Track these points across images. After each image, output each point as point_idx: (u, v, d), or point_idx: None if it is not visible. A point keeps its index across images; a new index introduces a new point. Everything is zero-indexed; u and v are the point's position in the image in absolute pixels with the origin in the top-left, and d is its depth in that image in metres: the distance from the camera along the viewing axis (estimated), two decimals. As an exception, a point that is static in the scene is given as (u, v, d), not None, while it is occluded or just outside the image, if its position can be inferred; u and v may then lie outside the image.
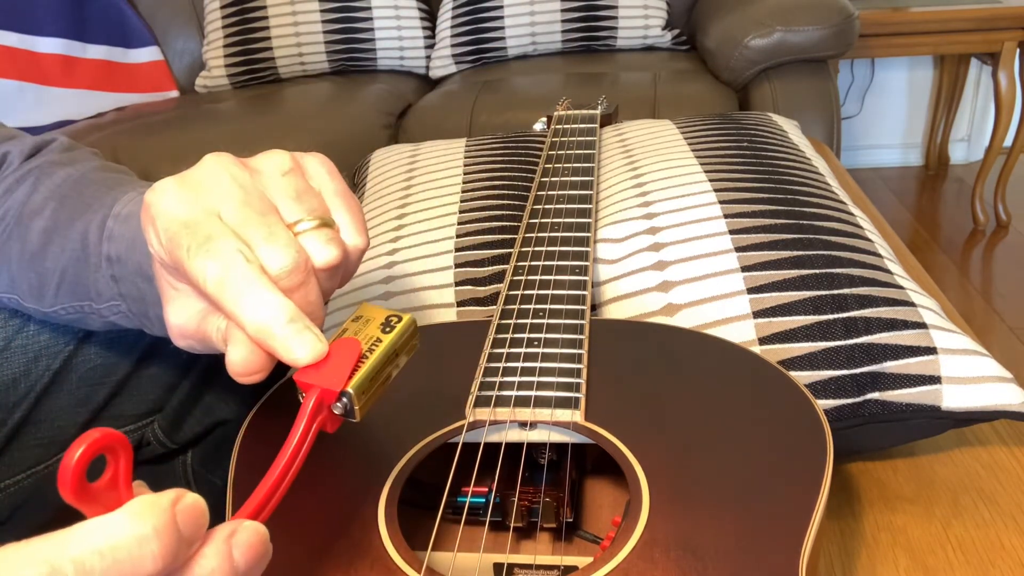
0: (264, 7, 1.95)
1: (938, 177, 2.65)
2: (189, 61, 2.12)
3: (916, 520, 0.50)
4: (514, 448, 0.44)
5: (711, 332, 0.54)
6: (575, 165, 0.71)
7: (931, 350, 0.53)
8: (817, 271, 0.57)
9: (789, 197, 0.65)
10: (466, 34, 1.94)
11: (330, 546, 0.36)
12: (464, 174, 0.77)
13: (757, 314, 0.55)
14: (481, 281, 0.63)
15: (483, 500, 0.43)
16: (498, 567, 0.41)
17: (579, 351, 0.47)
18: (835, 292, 0.55)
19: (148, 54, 2.07)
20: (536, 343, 0.48)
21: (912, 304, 0.56)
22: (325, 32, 1.96)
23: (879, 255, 0.61)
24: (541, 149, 0.82)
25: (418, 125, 1.71)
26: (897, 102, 2.65)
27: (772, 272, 0.57)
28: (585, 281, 0.54)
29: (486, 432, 0.43)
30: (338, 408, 0.33)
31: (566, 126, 0.81)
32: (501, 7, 1.91)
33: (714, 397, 0.44)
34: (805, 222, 0.62)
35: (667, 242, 0.62)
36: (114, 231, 0.42)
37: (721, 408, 0.43)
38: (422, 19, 2.00)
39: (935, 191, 2.56)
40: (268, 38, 1.96)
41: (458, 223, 0.69)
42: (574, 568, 0.37)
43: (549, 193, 0.66)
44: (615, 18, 1.91)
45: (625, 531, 0.36)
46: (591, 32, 1.92)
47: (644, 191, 0.69)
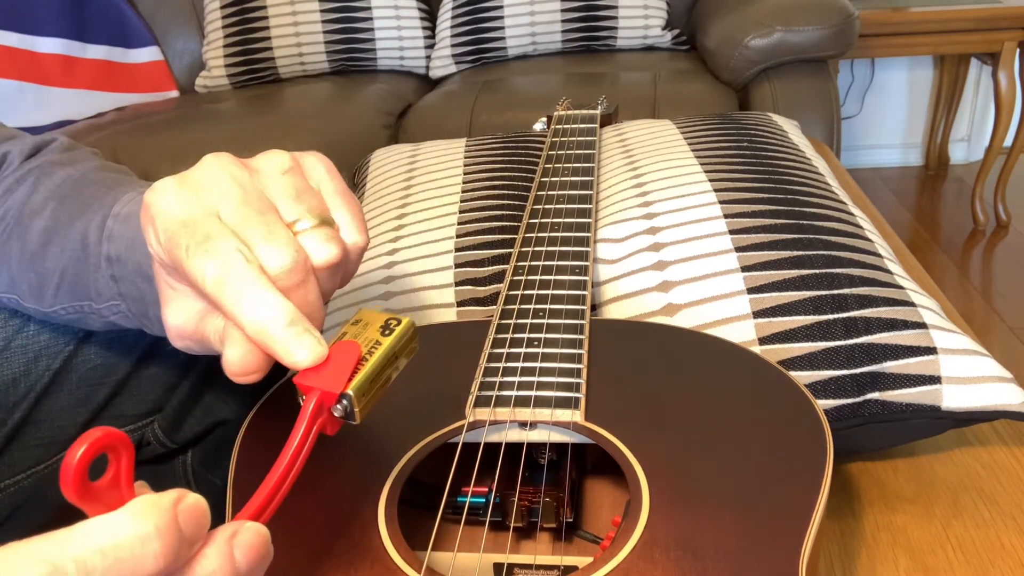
0: (264, 7, 1.95)
1: (938, 177, 2.65)
2: (189, 61, 2.12)
3: (916, 520, 0.50)
4: (514, 448, 0.44)
5: (711, 332, 0.54)
6: (575, 165, 0.71)
7: (931, 350, 0.53)
8: (817, 271, 0.57)
9: (789, 197, 0.65)
10: (466, 34, 1.94)
11: (330, 546, 0.36)
12: (464, 174, 0.77)
13: (757, 314, 0.55)
14: (481, 281, 0.63)
15: (483, 500, 0.43)
16: (498, 567, 0.41)
17: (579, 351, 0.47)
18: (835, 292, 0.55)
19: (148, 54, 2.07)
20: (536, 343, 0.48)
21: (912, 304, 0.56)
22: (325, 32, 1.96)
23: (879, 255, 0.61)
24: (541, 149, 0.82)
25: (418, 125, 1.71)
26: (897, 102, 2.65)
27: (772, 272, 0.57)
28: (585, 281, 0.54)
29: (486, 432, 0.43)
30: (338, 410, 0.33)
31: (566, 126, 0.81)
32: (501, 7, 1.91)
33: (714, 397, 0.44)
34: (805, 222, 0.62)
35: (667, 242, 0.62)
36: (114, 231, 0.42)
37: (721, 408, 0.43)
38: (422, 19, 2.00)
39: (935, 191, 2.56)
40: (268, 38, 1.96)
41: (458, 223, 0.69)
42: (574, 568, 0.37)
43: (549, 193, 0.66)
44: (615, 18, 1.91)
45: (625, 531, 0.36)
46: (591, 32, 1.92)
47: (644, 191, 0.69)
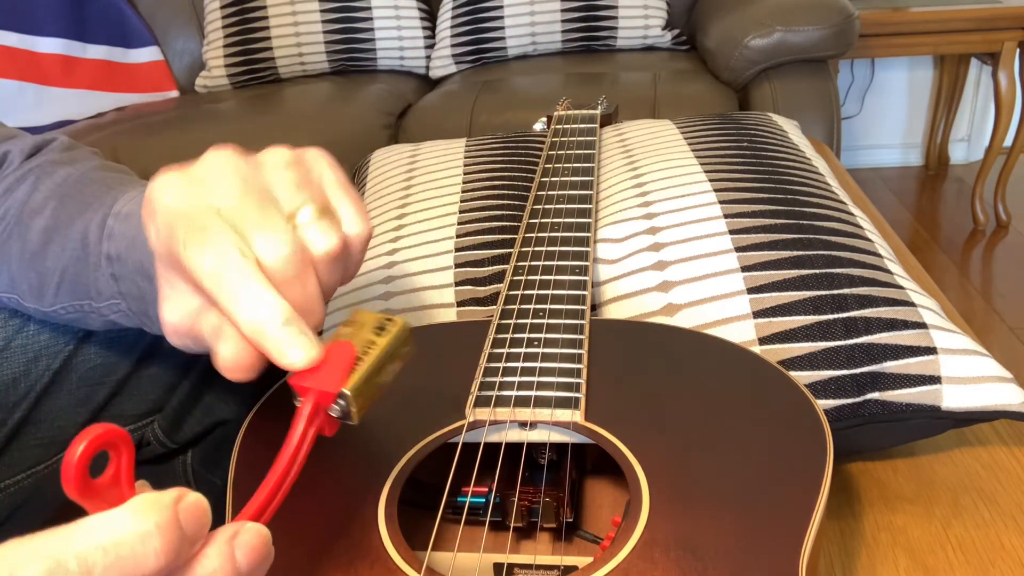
0: (264, 7, 1.95)
1: (938, 177, 2.65)
2: (189, 61, 2.12)
3: (916, 520, 0.50)
4: (514, 448, 0.44)
5: (711, 332, 0.54)
6: (575, 165, 0.71)
7: (931, 350, 0.53)
8: (817, 271, 0.57)
9: (789, 197, 0.65)
10: (466, 34, 1.94)
11: (330, 546, 0.36)
12: (464, 174, 0.77)
13: (757, 314, 0.55)
14: (481, 281, 0.63)
15: (483, 500, 0.43)
16: (498, 567, 0.41)
17: (579, 351, 0.47)
18: (835, 292, 0.55)
19: (148, 54, 2.07)
20: (536, 343, 0.48)
21: (912, 304, 0.56)
22: (325, 32, 1.96)
23: (879, 255, 0.61)
24: (541, 149, 0.82)
25: (418, 125, 1.71)
26: (897, 102, 2.65)
27: (772, 272, 0.57)
28: (585, 281, 0.54)
29: (486, 432, 0.43)
30: (335, 411, 0.33)
31: (566, 126, 0.81)
32: (501, 7, 1.91)
33: (714, 397, 0.44)
34: (805, 222, 0.62)
35: (667, 242, 0.62)
36: (114, 229, 0.42)
37: (721, 408, 0.43)
38: (422, 19, 2.00)
39: (935, 191, 2.56)
40: (268, 38, 1.96)
41: (458, 223, 0.69)
42: (574, 568, 0.37)
43: (549, 193, 0.66)
44: (615, 18, 1.91)
45: (625, 531, 0.36)
46: (591, 32, 1.92)
47: (644, 191, 0.69)
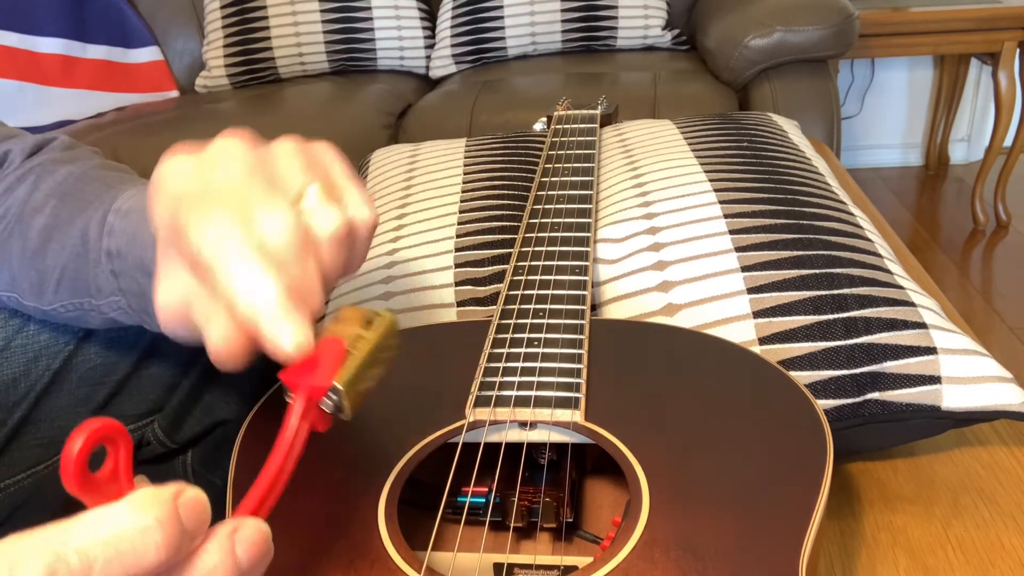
0: (264, 7, 1.95)
1: (938, 177, 2.65)
2: (189, 61, 2.12)
3: (916, 520, 0.50)
4: (514, 448, 0.44)
5: (711, 332, 0.54)
6: (575, 165, 0.71)
7: (931, 350, 0.53)
8: (817, 271, 0.57)
9: (789, 197, 0.65)
10: (466, 34, 1.94)
11: (330, 546, 0.36)
12: (464, 174, 0.77)
13: (757, 314, 0.55)
14: (481, 281, 0.63)
15: (483, 500, 0.43)
16: (498, 567, 0.41)
17: (579, 351, 0.47)
18: (835, 292, 0.55)
19: (148, 54, 2.07)
20: (536, 343, 0.48)
21: (912, 304, 0.56)
22: (325, 32, 1.96)
23: (879, 255, 0.61)
24: (541, 149, 0.82)
25: (418, 125, 1.71)
26: (897, 102, 2.65)
27: (772, 272, 0.57)
28: (585, 281, 0.54)
29: (486, 432, 0.43)
30: (327, 405, 0.33)
31: (566, 126, 0.81)
32: (501, 7, 1.91)
33: (714, 397, 0.44)
34: (805, 222, 0.62)
35: (667, 242, 0.62)
36: (115, 226, 0.42)
37: (721, 408, 0.43)
38: (422, 19, 2.00)
39: (935, 191, 2.56)
40: (268, 38, 1.96)
41: (458, 223, 0.69)
42: (574, 568, 0.37)
43: (549, 193, 0.66)
44: (615, 18, 1.91)
45: (625, 531, 0.36)
46: (591, 32, 1.92)
47: (644, 191, 0.69)
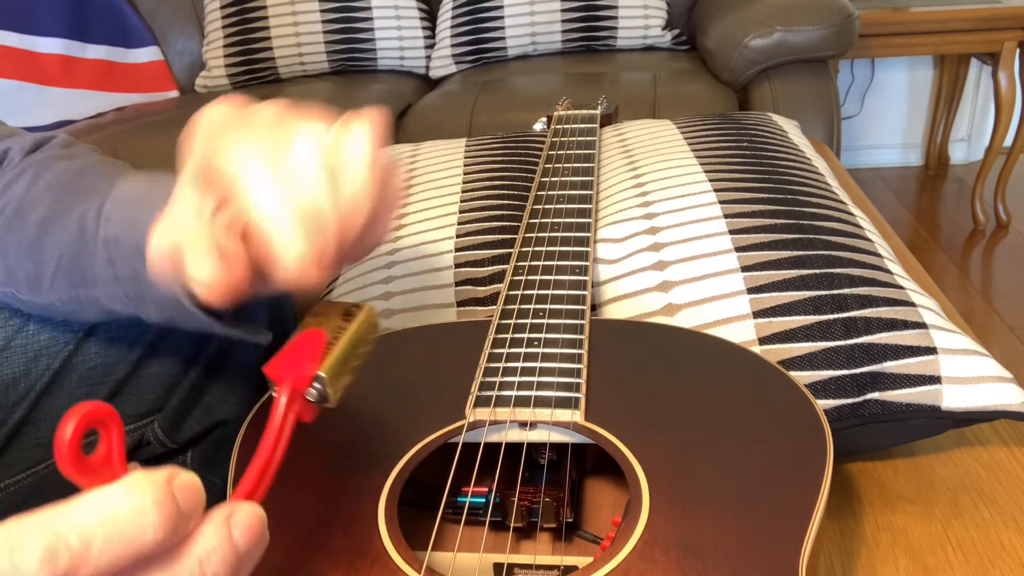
0: (264, 7, 1.95)
1: (938, 177, 2.65)
2: (189, 61, 2.12)
3: (916, 520, 0.50)
4: (514, 448, 0.44)
5: (711, 332, 0.54)
6: (575, 165, 0.71)
7: (931, 350, 0.53)
8: (817, 271, 0.57)
9: (789, 197, 0.65)
10: (466, 34, 1.94)
11: (330, 546, 0.36)
12: (464, 174, 0.77)
13: (757, 314, 0.55)
14: (481, 281, 0.63)
15: (483, 500, 0.43)
16: (498, 567, 0.41)
17: (579, 351, 0.47)
18: (835, 292, 0.55)
19: (148, 54, 2.07)
20: (536, 343, 0.48)
21: (912, 304, 0.56)
22: (325, 32, 1.96)
23: (879, 255, 0.61)
24: (541, 149, 0.82)
25: (418, 125, 1.71)
26: (897, 102, 2.65)
27: (772, 272, 0.57)
28: (585, 281, 0.54)
29: (486, 432, 0.43)
30: (312, 395, 0.34)
31: (566, 126, 0.81)
32: (501, 7, 1.91)
33: (714, 397, 0.44)
34: (805, 222, 0.62)
35: (667, 242, 0.62)
36: (112, 213, 0.42)
37: (721, 408, 0.43)
38: (422, 19, 2.00)
39: (935, 191, 2.56)
40: (268, 38, 1.96)
41: (458, 223, 0.69)
42: (574, 568, 0.37)
43: (549, 193, 0.66)
44: (615, 18, 1.91)
45: (625, 531, 0.36)
46: (591, 32, 1.92)
47: (644, 191, 0.69)
